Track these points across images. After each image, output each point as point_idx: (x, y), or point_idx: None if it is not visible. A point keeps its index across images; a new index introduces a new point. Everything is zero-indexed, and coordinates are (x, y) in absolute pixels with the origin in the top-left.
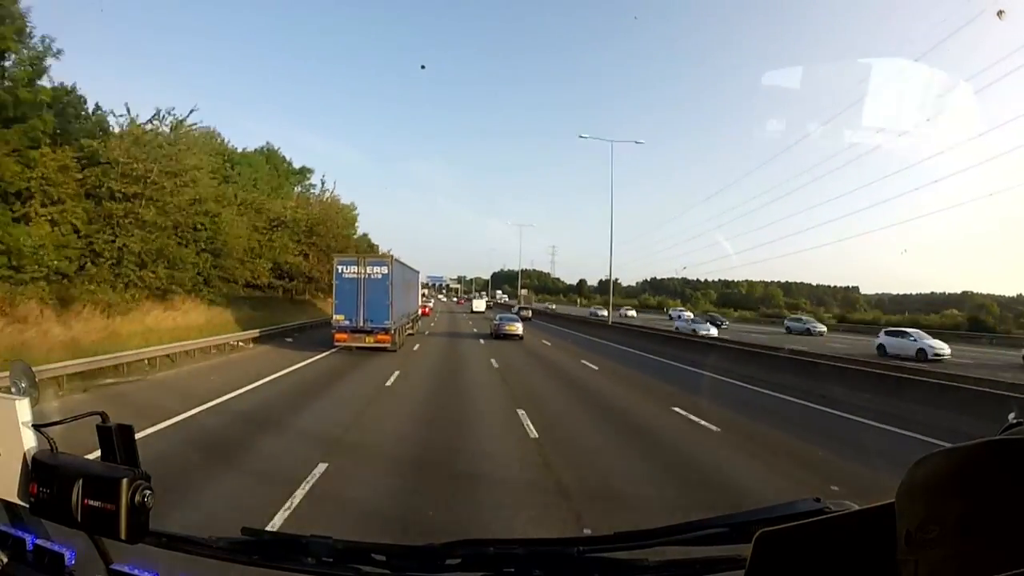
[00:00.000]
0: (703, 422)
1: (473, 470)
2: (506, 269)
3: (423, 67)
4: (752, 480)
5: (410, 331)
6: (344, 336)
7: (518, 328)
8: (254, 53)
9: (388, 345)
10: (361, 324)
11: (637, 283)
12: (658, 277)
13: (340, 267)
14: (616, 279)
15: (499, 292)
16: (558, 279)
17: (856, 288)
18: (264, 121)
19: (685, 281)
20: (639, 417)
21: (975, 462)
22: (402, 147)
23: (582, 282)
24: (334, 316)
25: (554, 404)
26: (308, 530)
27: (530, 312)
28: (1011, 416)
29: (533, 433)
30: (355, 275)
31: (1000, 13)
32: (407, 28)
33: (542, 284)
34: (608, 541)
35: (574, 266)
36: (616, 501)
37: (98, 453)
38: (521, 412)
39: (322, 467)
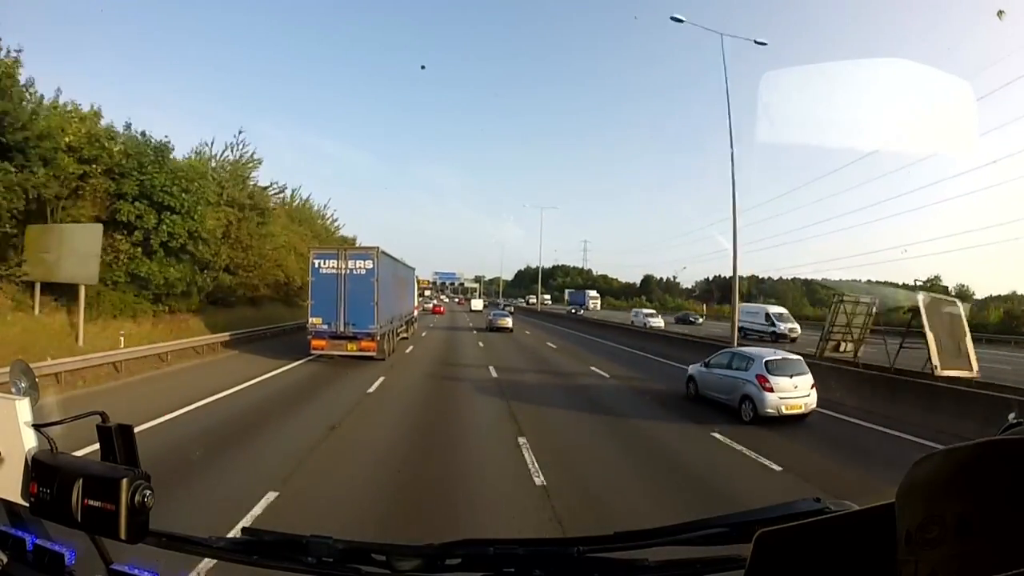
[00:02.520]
0: None
1: None
2: (533, 267)
3: (423, 67)
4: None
5: (404, 335)
6: (322, 343)
7: (508, 322)
8: (267, 60)
9: (374, 353)
10: (342, 329)
11: (697, 283)
12: (723, 275)
13: (317, 261)
14: (674, 277)
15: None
16: (605, 276)
17: (945, 289)
18: (280, 126)
19: (757, 280)
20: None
21: (975, 462)
22: (415, 150)
23: (648, 279)
24: (310, 319)
25: None
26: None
27: (512, 308)
28: (1011, 416)
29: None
30: (334, 271)
31: (1000, 13)
32: (422, 35)
33: (587, 283)
34: (608, 541)
35: (607, 264)
36: None
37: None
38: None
39: None
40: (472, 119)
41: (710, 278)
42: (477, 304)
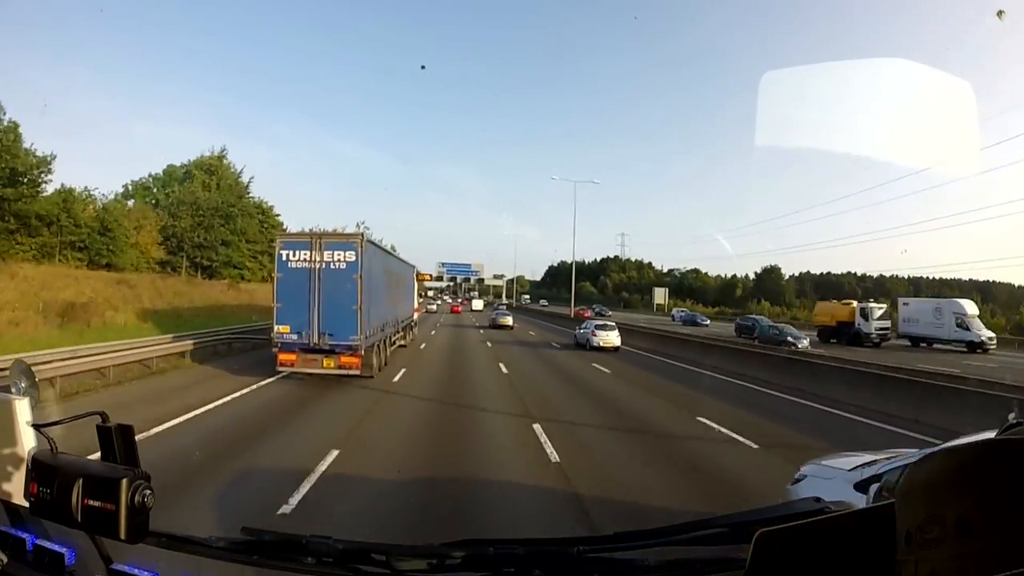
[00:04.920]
0: None
1: None
2: (569, 262)
3: (423, 67)
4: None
5: (401, 342)
6: (291, 357)
7: (509, 320)
8: (286, 62)
9: (357, 371)
10: (316, 340)
11: (709, 276)
12: (812, 271)
13: (284, 252)
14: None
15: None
16: (696, 270)
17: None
18: (294, 126)
19: (857, 278)
20: None
21: (975, 462)
22: (432, 150)
23: (773, 271)
24: (276, 327)
25: None
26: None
27: (506, 305)
28: (1011, 416)
29: None
30: (306, 264)
31: (1000, 13)
32: (434, 38)
33: (660, 281)
34: (608, 541)
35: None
36: None
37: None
38: None
39: None
40: (491, 119)
41: (797, 274)
42: (478, 304)
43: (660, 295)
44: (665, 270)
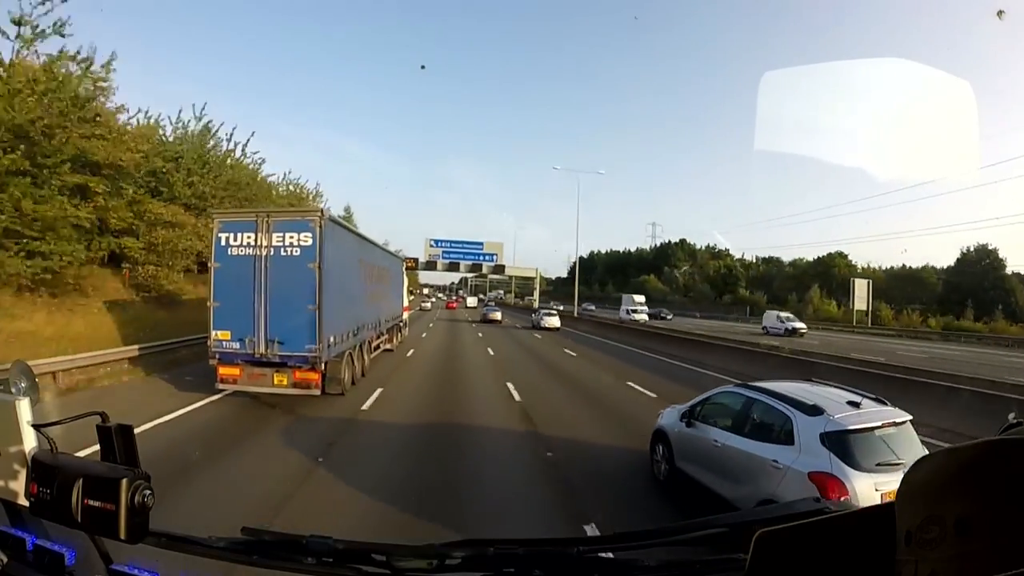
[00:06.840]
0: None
1: None
2: (604, 252)
3: (423, 67)
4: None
5: (388, 346)
6: (234, 371)
7: (498, 315)
8: (295, 65)
9: (316, 389)
10: (263, 349)
11: (871, 268)
12: (932, 264)
13: (224, 235)
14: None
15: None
16: (842, 254)
17: None
18: (302, 126)
19: (974, 272)
20: None
21: (975, 462)
22: (437, 148)
23: (989, 256)
24: (213, 332)
25: None
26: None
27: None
28: (1011, 416)
29: None
30: (250, 251)
31: (1000, 13)
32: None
33: (764, 273)
34: (608, 541)
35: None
36: None
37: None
38: None
39: None
40: (497, 117)
41: (896, 267)
42: (472, 301)
43: (861, 292)
44: (749, 257)
